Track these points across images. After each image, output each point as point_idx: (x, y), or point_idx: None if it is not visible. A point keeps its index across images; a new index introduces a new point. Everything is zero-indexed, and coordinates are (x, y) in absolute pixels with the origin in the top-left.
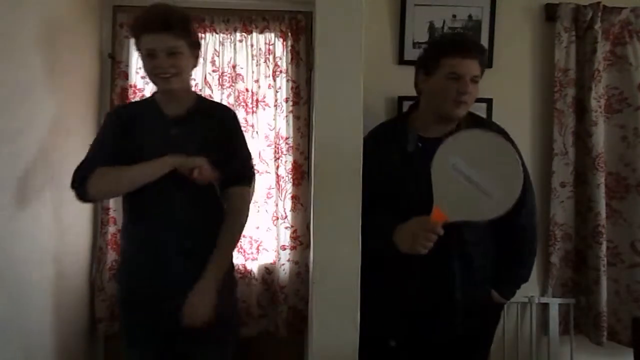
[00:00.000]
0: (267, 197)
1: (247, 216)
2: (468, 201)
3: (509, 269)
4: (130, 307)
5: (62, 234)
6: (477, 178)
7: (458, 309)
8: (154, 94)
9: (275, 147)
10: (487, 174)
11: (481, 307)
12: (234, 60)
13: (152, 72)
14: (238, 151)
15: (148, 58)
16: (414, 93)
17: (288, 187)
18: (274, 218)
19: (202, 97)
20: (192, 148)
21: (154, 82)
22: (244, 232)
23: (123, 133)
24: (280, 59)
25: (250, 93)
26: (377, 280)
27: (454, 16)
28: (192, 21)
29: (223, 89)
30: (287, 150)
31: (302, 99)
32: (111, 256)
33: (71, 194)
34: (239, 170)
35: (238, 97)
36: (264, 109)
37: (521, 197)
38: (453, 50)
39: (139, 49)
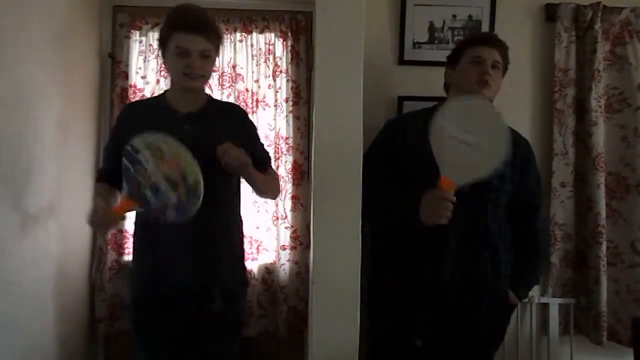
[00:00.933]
0: None
1: (279, 192)
2: (467, 162)
3: (525, 271)
4: (143, 307)
5: (62, 233)
6: (470, 139)
7: (484, 303)
8: (165, 91)
9: (275, 147)
10: (476, 133)
11: (500, 305)
12: (234, 60)
13: (180, 70)
14: (256, 143)
15: (178, 56)
16: (414, 93)
17: (288, 187)
18: (274, 218)
19: (212, 97)
20: (204, 144)
21: (177, 79)
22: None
23: (130, 133)
24: (280, 59)
25: (250, 93)
26: (397, 280)
27: (454, 16)
28: None
29: (223, 89)
30: (287, 150)
31: (302, 99)
32: (111, 256)
33: (71, 192)
34: (264, 158)
35: (238, 97)
36: (264, 109)
37: (536, 201)
38: (475, 40)
39: (164, 45)
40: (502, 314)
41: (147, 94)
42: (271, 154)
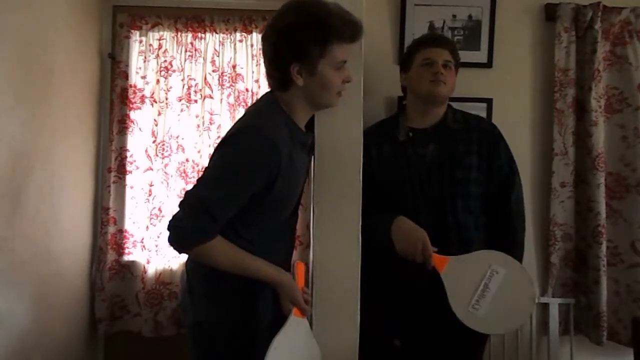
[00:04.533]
0: None
1: None
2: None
3: None
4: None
5: (61, 234)
6: (488, 293)
7: None
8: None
9: None
10: (493, 296)
11: None
12: (234, 60)
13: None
14: None
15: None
16: None
17: None
18: None
19: None
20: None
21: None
22: None
23: (275, 173)
24: None
25: (250, 93)
26: (378, 280)
27: (454, 16)
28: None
29: (223, 89)
30: None
31: None
32: (111, 256)
33: (71, 192)
34: None
35: (238, 97)
36: None
37: (509, 184)
38: (423, 44)
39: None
40: None
41: (147, 94)
42: None
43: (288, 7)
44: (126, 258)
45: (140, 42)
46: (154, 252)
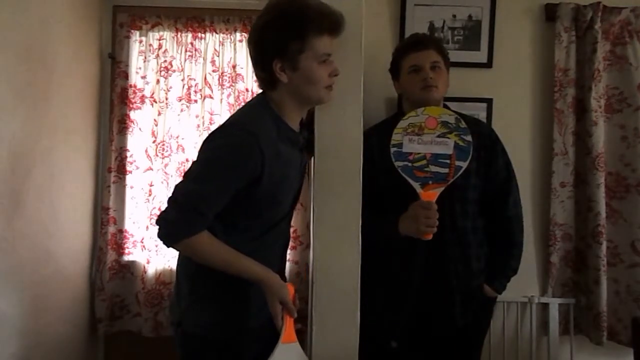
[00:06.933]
0: None
1: None
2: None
3: (499, 262)
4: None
5: (61, 234)
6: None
7: (456, 298)
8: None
9: None
10: None
11: (477, 300)
12: (234, 60)
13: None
14: None
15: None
16: None
17: None
18: None
19: None
20: None
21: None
22: None
23: (259, 168)
24: None
25: (250, 93)
26: (376, 281)
27: (454, 16)
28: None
29: (223, 89)
30: None
31: None
32: (111, 256)
33: (71, 192)
34: None
35: (238, 97)
36: None
37: (506, 187)
38: (407, 49)
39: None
40: (480, 308)
41: (147, 94)
42: None
43: (266, 7)
44: (126, 258)
45: (140, 42)
46: (154, 252)
